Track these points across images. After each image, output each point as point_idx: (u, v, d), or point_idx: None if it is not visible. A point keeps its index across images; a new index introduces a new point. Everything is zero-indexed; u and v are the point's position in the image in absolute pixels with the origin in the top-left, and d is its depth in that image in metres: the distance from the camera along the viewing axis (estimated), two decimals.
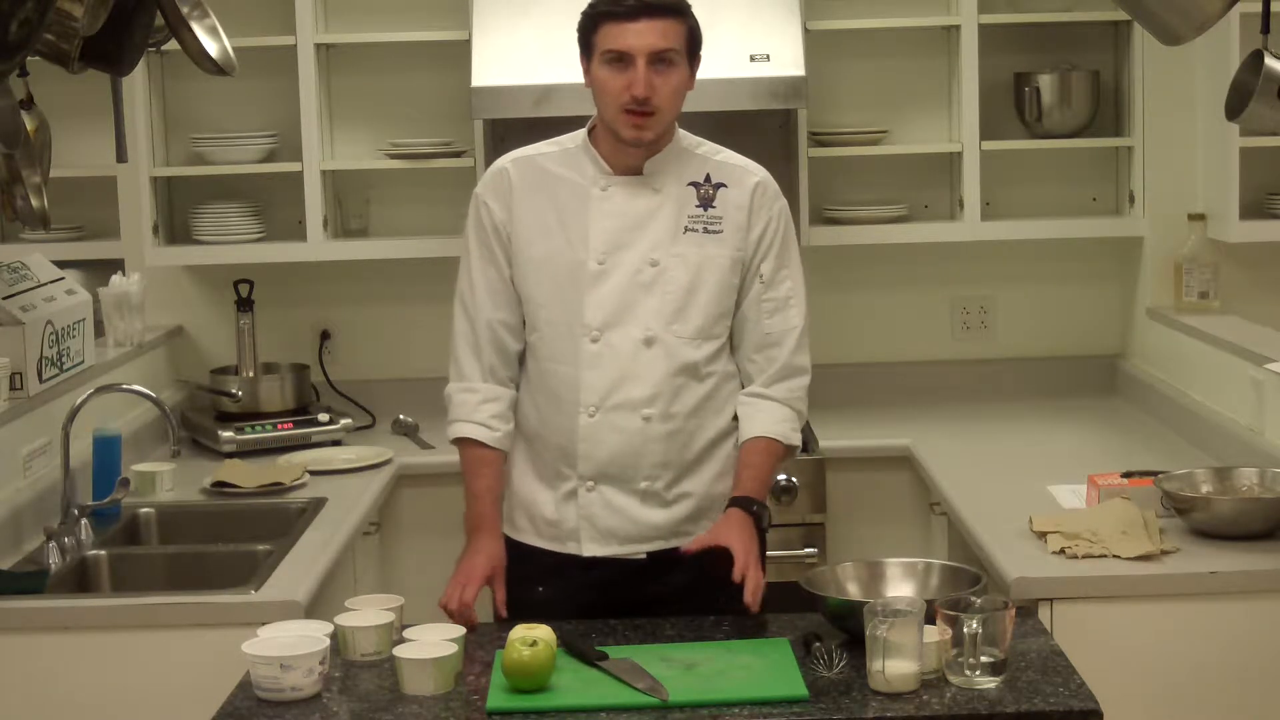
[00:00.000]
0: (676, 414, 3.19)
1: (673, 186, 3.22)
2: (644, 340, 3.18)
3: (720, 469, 3.24)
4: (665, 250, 3.19)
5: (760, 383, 3.26)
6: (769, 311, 3.25)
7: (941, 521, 4.23)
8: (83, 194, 4.89)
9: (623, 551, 3.21)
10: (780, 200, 3.28)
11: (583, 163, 3.23)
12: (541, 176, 3.24)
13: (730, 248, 3.21)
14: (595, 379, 3.17)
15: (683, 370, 3.19)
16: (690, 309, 3.19)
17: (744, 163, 3.30)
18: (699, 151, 3.27)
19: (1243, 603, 3.24)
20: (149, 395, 3.92)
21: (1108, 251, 5.01)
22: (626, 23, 3.10)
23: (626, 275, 3.18)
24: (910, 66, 4.95)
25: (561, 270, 3.20)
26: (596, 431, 3.18)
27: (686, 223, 3.20)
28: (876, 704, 2.67)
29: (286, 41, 4.72)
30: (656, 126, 3.16)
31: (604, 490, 3.20)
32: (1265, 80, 3.27)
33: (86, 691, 3.21)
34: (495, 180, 3.27)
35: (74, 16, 3.25)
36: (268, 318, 4.86)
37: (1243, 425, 4.01)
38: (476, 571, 3.17)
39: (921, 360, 5.06)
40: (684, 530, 3.22)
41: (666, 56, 3.12)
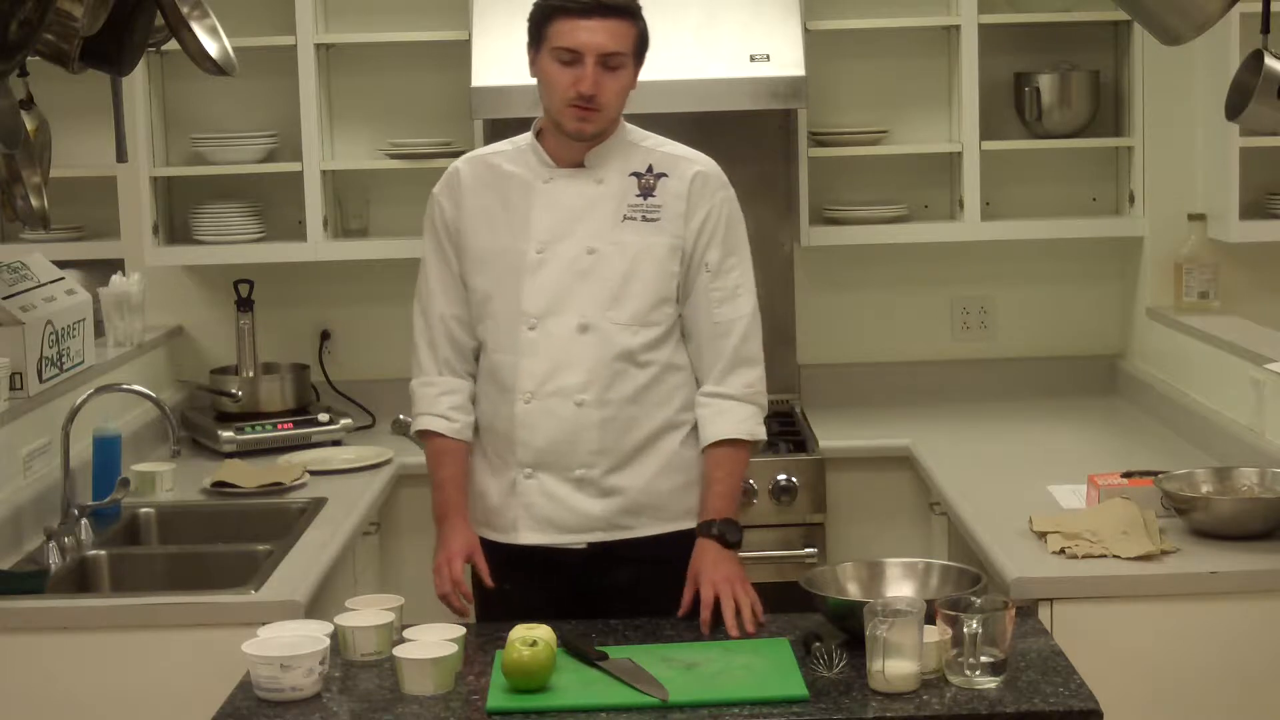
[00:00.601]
0: (612, 400, 3.22)
1: (615, 177, 3.26)
2: (579, 327, 3.21)
3: (662, 465, 3.25)
4: (603, 239, 3.23)
5: (714, 379, 3.27)
6: (718, 301, 3.28)
7: (941, 521, 4.23)
8: (83, 194, 4.89)
9: (560, 541, 3.24)
10: (725, 190, 3.31)
11: (530, 158, 3.29)
12: (492, 173, 3.31)
13: (668, 235, 3.24)
14: (532, 366, 3.22)
15: (618, 357, 3.22)
16: (626, 296, 3.22)
17: (688, 153, 3.32)
18: (644, 144, 3.31)
19: (1243, 603, 3.24)
20: (149, 395, 3.92)
21: (1108, 251, 5.01)
22: (579, 19, 3.14)
23: (564, 264, 3.23)
24: (910, 66, 4.95)
25: (504, 261, 3.26)
26: (533, 418, 3.22)
27: (626, 211, 3.24)
28: (876, 704, 2.67)
29: (286, 41, 4.73)
30: (599, 122, 3.21)
31: (541, 478, 3.24)
32: (1265, 80, 3.27)
33: (86, 691, 3.21)
34: (449, 179, 3.36)
35: (74, 16, 3.25)
36: (268, 318, 4.86)
37: (1243, 425, 4.01)
38: (454, 551, 3.25)
39: (921, 360, 5.06)
40: (622, 524, 3.24)
41: (615, 61, 3.16)
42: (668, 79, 4.36)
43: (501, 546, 3.29)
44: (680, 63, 4.41)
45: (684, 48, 4.44)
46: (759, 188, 4.94)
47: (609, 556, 3.24)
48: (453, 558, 3.25)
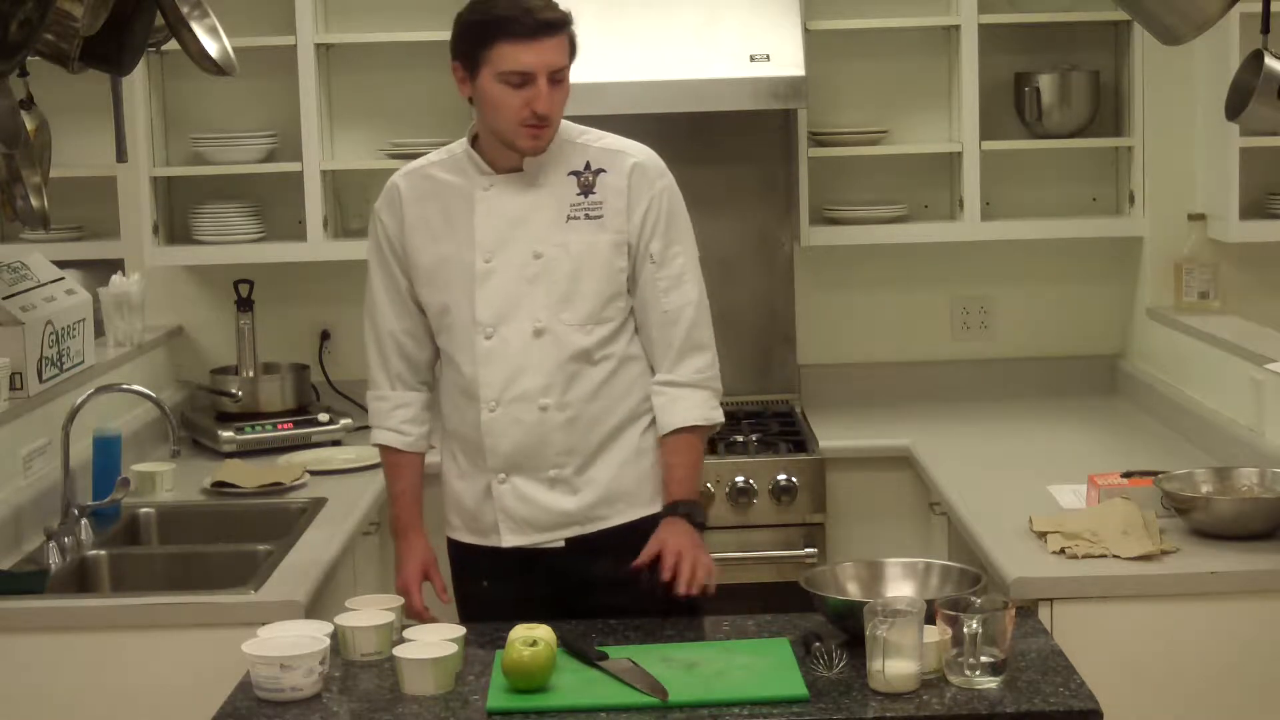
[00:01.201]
0: (573, 401, 3.23)
1: (553, 179, 3.26)
2: (534, 332, 3.22)
3: (627, 455, 3.27)
4: (548, 242, 3.23)
5: (665, 368, 3.29)
6: (664, 290, 3.28)
7: (941, 521, 4.23)
8: (83, 194, 4.88)
9: (540, 540, 3.25)
10: (663, 178, 3.30)
11: (466, 167, 3.29)
12: (430, 185, 3.31)
13: (611, 231, 3.25)
14: (491, 374, 3.23)
15: (574, 357, 3.23)
16: (576, 296, 3.23)
17: (625, 145, 3.32)
18: (580, 140, 3.30)
19: (1243, 603, 3.24)
20: (149, 395, 3.92)
21: (1108, 251, 5.00)
22: (527, 42, 3.13)
23: (513, 270, 3.23)
24: (910, 66, 4.95)
25: (454, 272, 3.26)
26: (498, 425, 3.23)
27: (569, 212, 3.24)
28: (876, 704, 2.67)
29: (286, 41, 4.73)
30: (550, 135, 3.21)
31: (515, 481, 3.25)
32: (1265, 80, 3.27)
33: (86, 691, 3.21)
34: (388, 194, 3.35)
35: (74, 16, 3.25)
36: (268, 318, 4.86)
37: (1243, 425, 4.01)
38: (411, 580, 3.31)
39: (921, 360, 5.06)
40: (596, 515, 3.25)
41: (560, 75, 3.17)
42: (668, 79, 4.36)
43: (482, 548, 3.30)
44: (680, 63, 4.41)
45: (684, 48, 4.44)
46: (759, 188, 4.94)
47: (588, 549, 3.25)
48: (409, 584, 3.29)
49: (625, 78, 4.35)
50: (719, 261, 4.93)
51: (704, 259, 3.32)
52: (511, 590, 3.25)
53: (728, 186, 4.92)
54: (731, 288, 4.93)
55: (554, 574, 3.26)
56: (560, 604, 3.20)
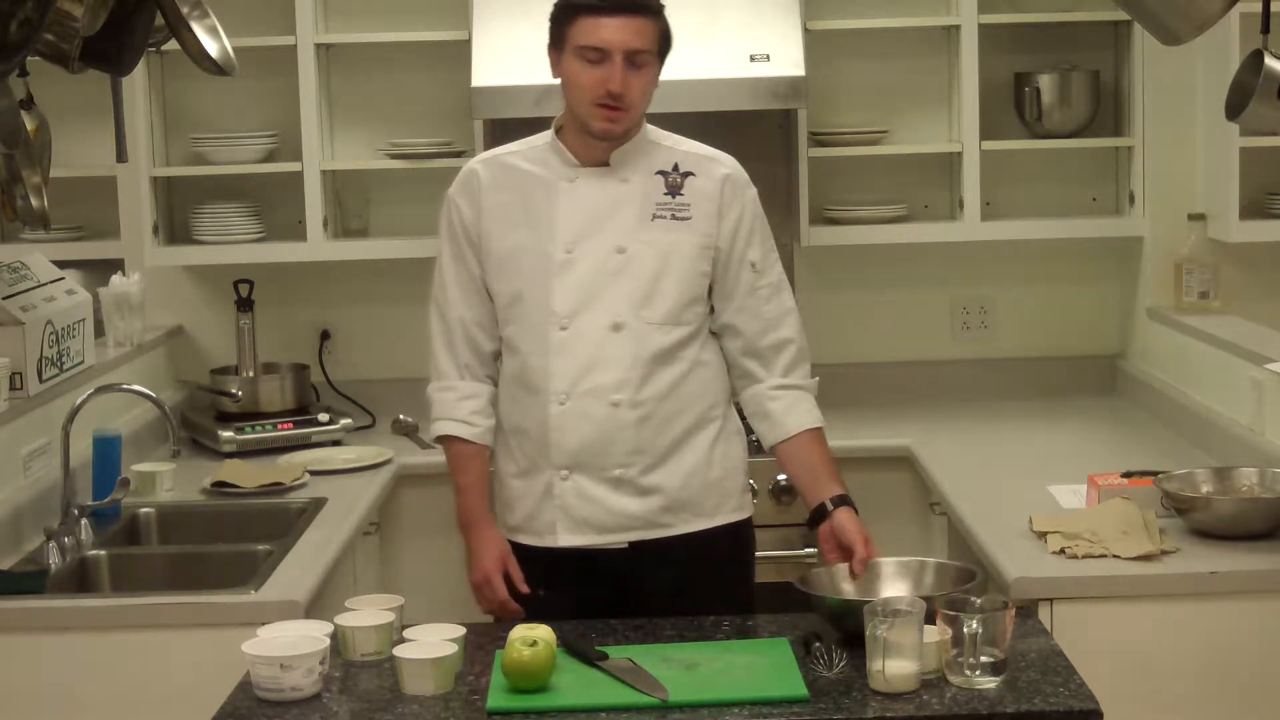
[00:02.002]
0: (646, 399, 3.21)
1: (640, 176, 3.25)
2: (612, 326, 3.21)
3: (696, 462, 3.27)
4: (633, 237, 3.22)
5: (778, 373, 3.32)
6: (766, 298, 3.30)
7: (941, 521, 4.23)
8: (83, 194, 4.89)
9: (600, 541, 3.23)
10: (750, 189, 3.33)
11: (550, 158, 3.28)
12: (510, 174, 3.29)
13: (699, 234, 3.24)
14: (564, 366, 3.21)
15: (651, 356, 3.22)
16: (658, 295, 3.22)
17: (712, 153, 3.33)
18: (666, 143, 3.30)
19: (1243, 603, 3.24)
20: (149, 395, 3.92)
21: (1108, 251, 5.01)
22: (604, 17, 3.13)
23: (594, 263, 3.21)
24: (910, 66, 4.95)
25: (530, 262, 3.24)
26: (567, 420, 3.21)
27: (654, 210, 3.24)
28: (876, 704, 2.67)
29: (286, 41, 4.73)
30: (626, 121, 3.20)
31: (577, 479, 3.23)
32: (1265, 80, 3.27)
33: (86, 691, 3.21)
34: (465, 181, 3.33)
35: (74, 16, 3.25)
36: (268, 318, 4.86)
37: (1243, 425, 4.01)
38: (492, 570, 3.25)
39: (921, 360, 5.06)
40: (661, 522, 3.24)
41: (640, 59, 3.16)
42: (668, 79, 4.33)
43: (537, 553, 3.27)
44: (680, 63, 4.37)
45: (684, 48, 4.40)
46: (759, 188, 4.91)
47: (650, 557, 3.24)
48: (490, 576, 3.25)
49: None
50: None
51: None
52: (567, 596, 3.22)
53: None
54: None
55: (612, 578, 3.24)
56: (616, 612, 3.16)
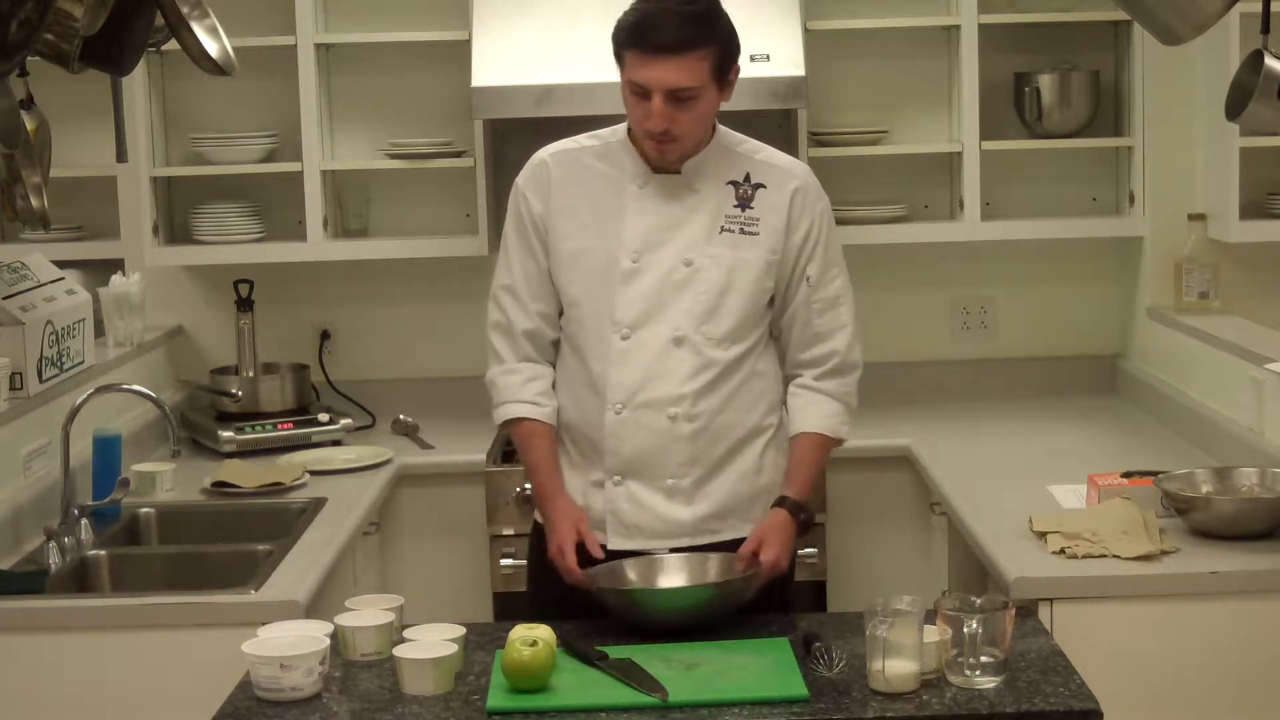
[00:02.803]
0: (702, 413, 3.19)
1: (711, 185, 3.22)
2: (673, 340, 3.18)
3: (747, 468, 3.25)
4: (700, 250, 3.19)
5: (811, 378, 3.28)
6: (819, 311, 3.27)
7: (941, 521, 4.23)
8: (83, 194, 4.89)
9: (647, 546, 3.21)
10: (822, 200, 3.28)
11: (622, 159, 3.24)
12: (581, 171, 3.25)
13: (765, 250, 3.21)
14: (623, 376, 3.18)
15: (710, 371, 3.19)
16: (722, 311, 3.19)
17: (785, 162, 3.29)
18: (740, 150, 3.26)
19: (1243, 603, 3.24)
20: (149, 395, 3.92)
21: (1108, 251, 5.01)
22: (648, 57, 3.08)
23: (660, 274, 3.18)
24: (910, 66, 4.95)
25: (596, 266, 3.21)
26: (623, 429, 3.19)
27: (723, 223, 3.21)
28: (876, 704, 2.67)
29: (286, 41, 4.73)
30: (678, 151, 3.17)
31: (630, 485, 3.21)
32: (1265, 80, 3.27)
33: (86, 691, 3.21)
34: (535, 173, 3.28)
35: (74, 16, 3.25)
36: (268, 318, 4.86)
37: (1243, 425, 4.01)
38: (566, 540, 3.16)
39: (921, 360, 5.06)
40: (708, 528, 3.23)
41: (686, 94, 3.10)
42: None
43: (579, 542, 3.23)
44: None
45: None
46: None
47: None
48: (563, 545, 3.16)
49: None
50: None
51: None
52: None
53: None
54: None
55: None
56: None
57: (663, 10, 3.08)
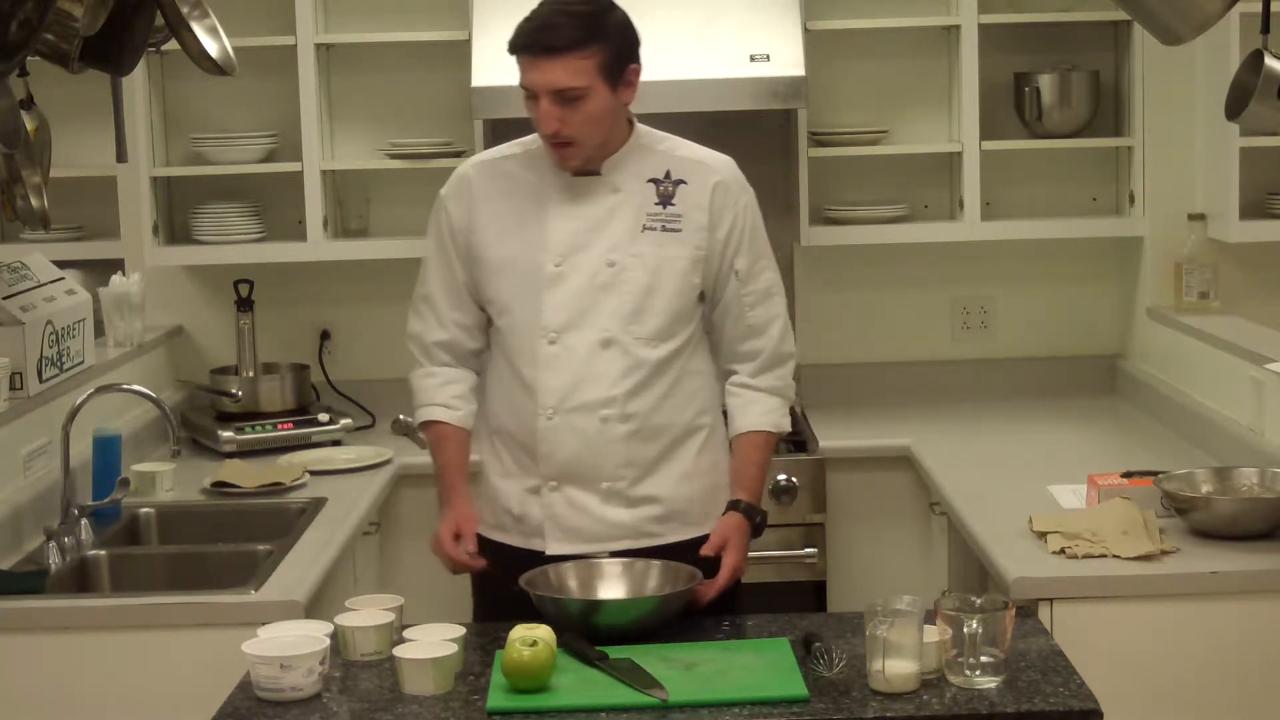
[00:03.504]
0: (635, 414, 3.20)
1: (632, 184, 3.22)
2: (601, 342, 3.18)
3: (685, 469, 3.25)
4: (624, 250, 3.20)
5: (749, 373, 3.28)
6: (750, 305, 3.27)
7: (941, 521, 4.23)
8: (83, 194, 4.89)
9: (587, 550, 3.21)
10: (746, 193, 3.29)
11: (544, 165, 3.24)
12: (503, 179, 3.27)
13: (690, 246, 3.22)
14: (552, 381, 3.19)
15: (640, 371, 3.20)
16: (648, 310, 3.20)
17: (706, 156, 3.29)
18: (660, 148, 3.26)
19: (1243, 603, 3.24)
20: (149, 395, 3.92)
21: (1108, 251, 5.01)
22: (533, 59, 3.10)
23: (585, 277, 3.19)
24: (910, 66, 4.95)
25: (521, 273, 3.21)
26: (555, 433, 3.19)
27: (645, 221, 3.21)
28: (876, 704, 2.67)
29: (286, 41, 4.73)
30: (578, 155, 3.17)
31: (567, 490, 3.22)
32: (1265, 80, 3.27)
33: (86, 691, 3.21)
34: (457, 184, 3.31)
35: (74, 16, 3.25)
36: (268, 318, 4.86)
37: (1243, 425, 4.01)
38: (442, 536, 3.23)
39: (921, 360, 5.06)
40: (649, 531, 3.23)
41: (572, 93, 3.10)
42: (668, 79, 4.35)
43: (523, 554, 3.24)
44: (680, 63, 4.41)
45: (684, 48, 4.44)
46: (759, 188, 4.88)
47: None
48: (442, 540, 3.23)
49: None
50: None
51: None
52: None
53: None
54: None
55: None
56: None
57: (548, 12, 3.11)
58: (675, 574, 3.07)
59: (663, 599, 2.98)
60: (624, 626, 2.94)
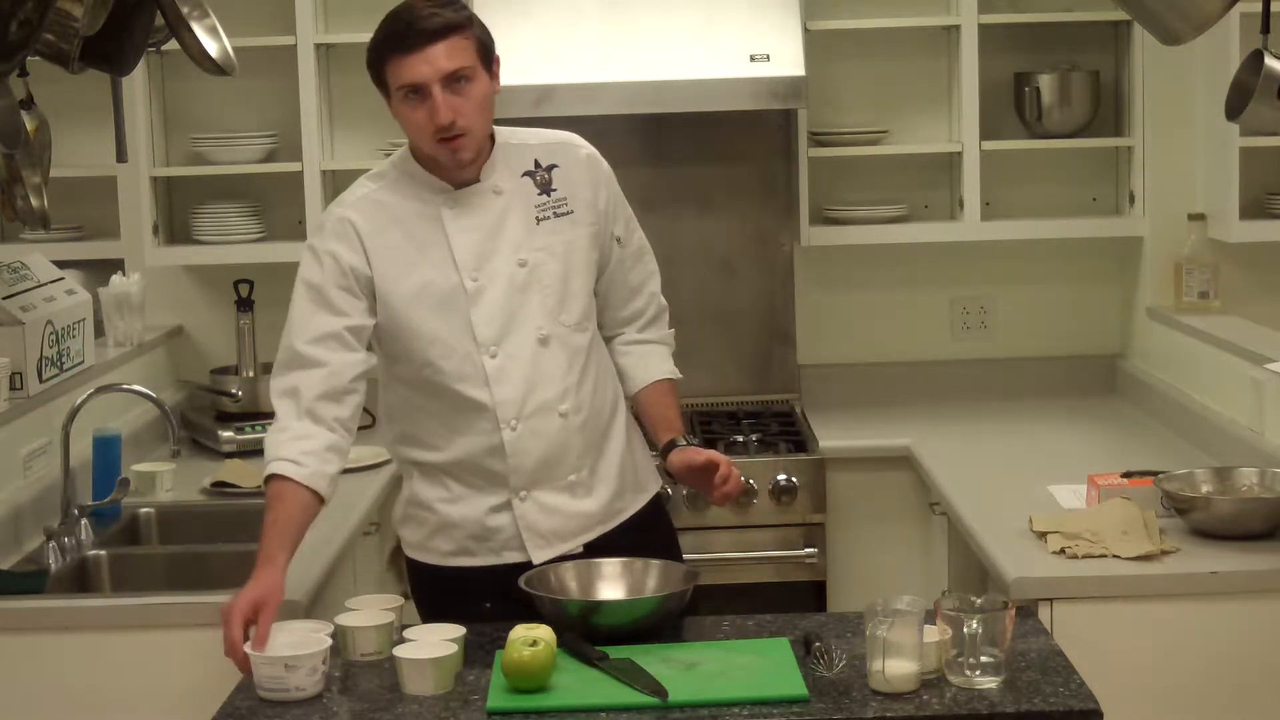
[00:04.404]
0: (584, 402, 3.23)
1: (510, 183, 3.21)
2: (539, 340, 3.18)
3: (621, 442, 3.30)
4: (528, 247, 3.19)
5: (636, 329, 3.36)
6: (630, 266, 3.34)
7: (941, 521, 4.23)
8: (83, 194, 4.89)
9: (565, 549, 3.21)
10: (603, 161, 3.32)
11: (419, 188, 3.19)
12: (385, 213, 3.18)
13: (585, 224, 3.24)
14: (506, 393, 3.16)
15: (579, 359, 3.22)
16: (569, 296, 3.21)
17: (563, 137, 3.30)
18: (516, 141, 3.25)
19: (1243, 603, 3.24)
20: (149, 395, 3.93)
21: (1108, 251, 5.01)
22: (409, 54, 3.05)
23: (503, 282, 3.17)
24: (910, 66, 4.96)
25: (440, 298, 3.15)
26: (522, 442, 3.17)
27: (536, 213, 3.21)
28: (876, 704, 2.67)
29: (286, 41, 4.73)
30: (473, 145, 3.13)
31: (536, 495, 3.19)
32: (1265, 80, 3.27)
33: (86, 691, 3.21)
34: (337, 230, 3.15)
35: (74, 16, 3.25)
36: (268, 318, 4.85)
37: (1243, 425, 4.01)
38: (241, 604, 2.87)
39: (921, 360, 5.06)
40: (615, 509, 3.25)
41: (459, 75, 3.06)
42: (668, 79, 4.36)
43: (483, 571, 3.20)
44: (680, 63, 4.41)
45: (684, 48, 4.45)
46: (759, 188, 4.95)
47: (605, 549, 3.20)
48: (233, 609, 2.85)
49: (625, 78, 4.35)
50: (719, 261, 4.94)
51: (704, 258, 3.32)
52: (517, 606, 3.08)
53: (728, 186, 4.92)
54: (731, 287, 4.94)
55: None
56: None
57: (408, 8, 3.08)
58: (675, 574, 3.07)
59: (662, 599, 2.98)
60: (624, 626, 2.94)
